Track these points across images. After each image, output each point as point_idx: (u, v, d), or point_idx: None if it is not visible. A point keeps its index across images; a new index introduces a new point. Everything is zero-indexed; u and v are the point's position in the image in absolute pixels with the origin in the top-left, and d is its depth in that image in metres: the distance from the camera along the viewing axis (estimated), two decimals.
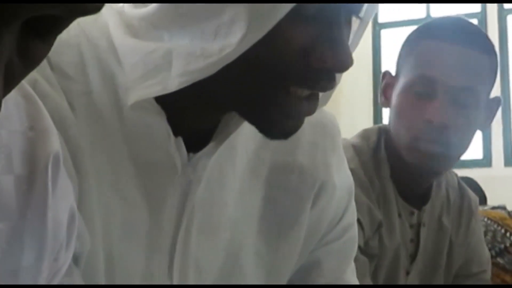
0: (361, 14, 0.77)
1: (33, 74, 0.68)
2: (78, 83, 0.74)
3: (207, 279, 0.82)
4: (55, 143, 0.59)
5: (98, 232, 0.74)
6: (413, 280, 1.43)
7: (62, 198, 0.59)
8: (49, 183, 0.57)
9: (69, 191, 0.62)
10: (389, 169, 1.40)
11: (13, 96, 0.56)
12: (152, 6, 0.73)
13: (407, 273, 1.42)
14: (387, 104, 1.40)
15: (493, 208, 1.98)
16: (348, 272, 0.95)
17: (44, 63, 0.69)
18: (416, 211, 1.43)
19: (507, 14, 6.29)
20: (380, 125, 1.48)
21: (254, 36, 0.68)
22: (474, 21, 6.37)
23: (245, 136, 0.82)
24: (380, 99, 1.43)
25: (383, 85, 1.42)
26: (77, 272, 0.72)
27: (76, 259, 0.72)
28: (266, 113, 0.73)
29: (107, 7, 0.77)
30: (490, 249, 1.80)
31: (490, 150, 6.10)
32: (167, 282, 0.79)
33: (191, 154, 0.78)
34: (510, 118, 6.21)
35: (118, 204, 0.76)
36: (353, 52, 0.75)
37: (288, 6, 0.67)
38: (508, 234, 1.85)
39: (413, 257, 1.44)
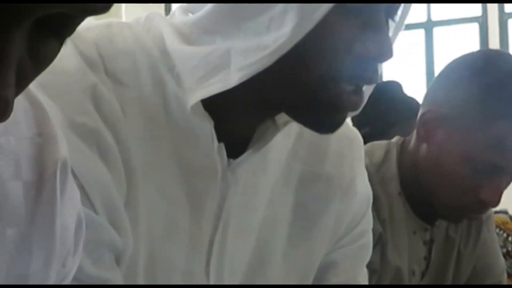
0: (396, 18, 0.81)
1: (92, 78, 0.75)
2: (130, 89, 0.77)
3: (237, 278, 0.86)
4: (63, 149, 0.59)
5: (141, 230, 0.77)
6: None
7: (70, 204, 0.60)
8: (58, 189, 0.57)
9: (77, 197, 0.62)
10: (400, 186, 1.37)
11: (20, 102, 0.57)
12: (202, 11, 0.77)
13: None
14: (426, 139, 1.32)
15: (495, 212, 1.98)
16: (361, 275, 1.00)
17: (100, 68, 0.75)
18: (429, 227, 1.41)
19: (508, 18, 6.30)
20: (391, 140, 1.42)
21: (306, 25, 0.71)
22: (475, 26, 6.38)
23: (277, 146, 0.86)
24: (419, 132, 1.33)
25: (427, 120, 1.32)
26: (118, 272, 0.75)
27: (118, 258, 0.75)
28: (316, 107, 0.77)
29: (160, 18, 0.82)
30: None
31: None
32: (204, 281, 0.83)
33: (230, 160, 0.82)
34: None
35: (162, 204, 0.79)
36: None
37: None
38: (510, 239, 1.85)
39: (423, 275, 1.41)
